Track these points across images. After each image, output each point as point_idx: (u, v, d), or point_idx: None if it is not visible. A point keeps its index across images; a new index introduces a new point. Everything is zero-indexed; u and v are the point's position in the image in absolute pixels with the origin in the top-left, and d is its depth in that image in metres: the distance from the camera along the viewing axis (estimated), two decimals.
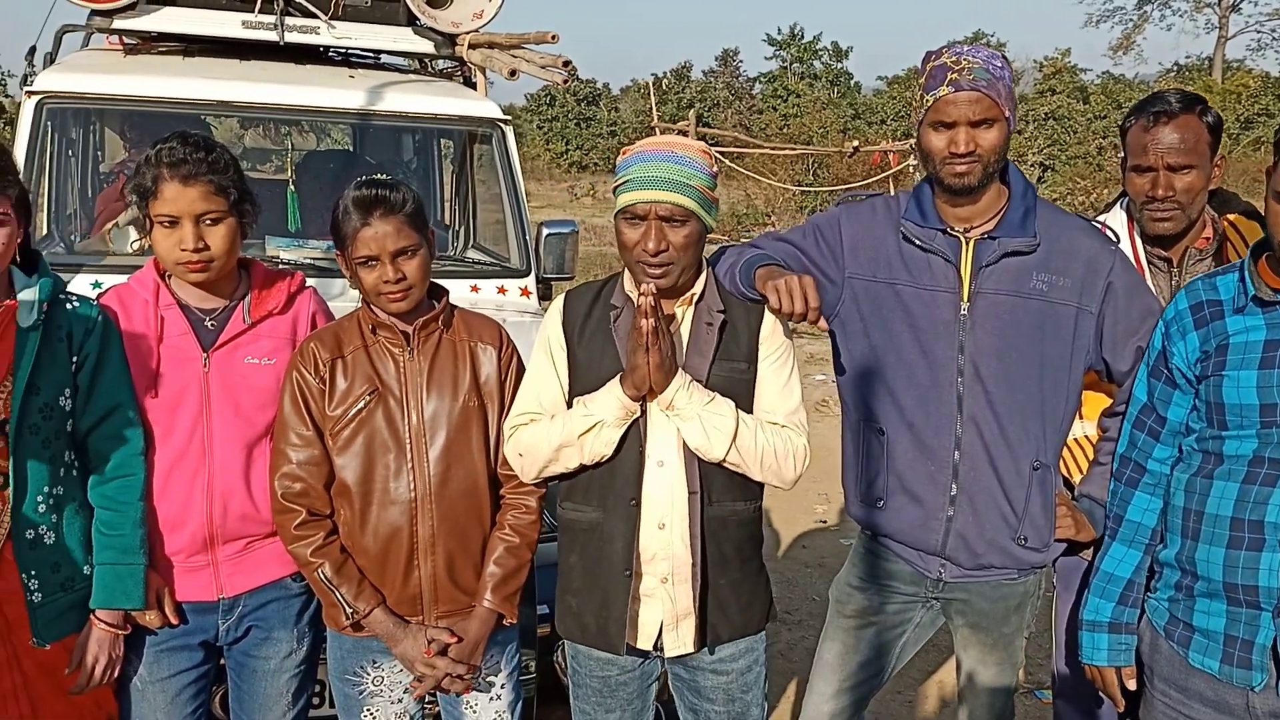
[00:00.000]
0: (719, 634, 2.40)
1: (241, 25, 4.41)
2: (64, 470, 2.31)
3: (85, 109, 4.32)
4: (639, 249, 2.25)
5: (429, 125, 4.75)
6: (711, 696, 2.44)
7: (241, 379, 2.44)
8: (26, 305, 2.24)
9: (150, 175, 2.33)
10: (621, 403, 2.27)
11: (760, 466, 2.32)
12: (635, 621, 2.36)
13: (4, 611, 2.23)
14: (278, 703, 2.54)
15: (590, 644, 2.42)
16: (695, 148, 2.32)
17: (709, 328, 2.34)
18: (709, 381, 2.31)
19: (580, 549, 2.41)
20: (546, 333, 2.43)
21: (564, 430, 2.30)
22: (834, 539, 6.04)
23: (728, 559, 2.39)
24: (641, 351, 2.19)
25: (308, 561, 2.38)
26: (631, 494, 2.32)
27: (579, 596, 2.42)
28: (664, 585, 2.34)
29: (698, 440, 2.28)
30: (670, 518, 2.32)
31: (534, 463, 2.36)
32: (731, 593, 2.40)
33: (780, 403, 2.37)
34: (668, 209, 2.23)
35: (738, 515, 2.39)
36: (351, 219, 2.34)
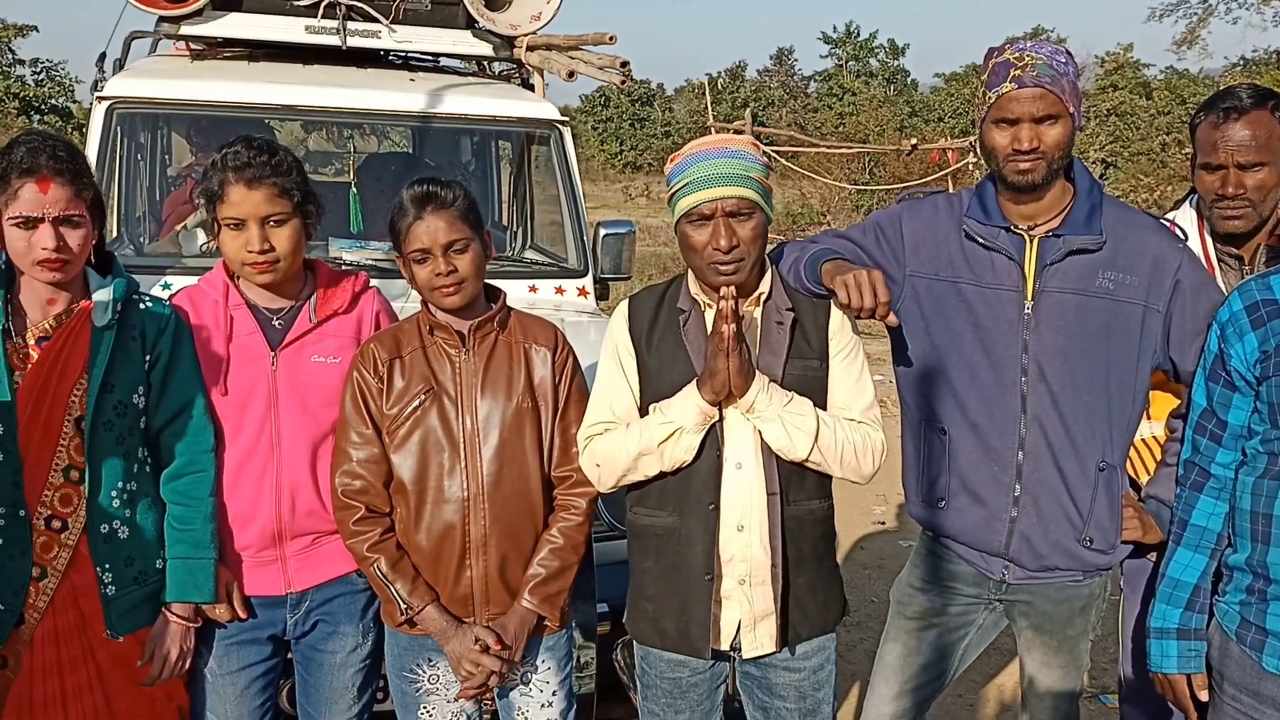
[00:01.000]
0: (799, 633, 2.40)
1: (305, 30, 4.47)
2: (137, 466, 2.36)
3: (153, 114, 4.41)
4: (709, 249, 2.25)
5: (488, 127, 4.78)
6: (783, 694, 2.44)
7: (308, 377, 2.48)
8: (102, 305, 2.30)
9: (217, 179, 2.39)
10: (700, 408, 2.27)
11: (841, 463, 2.32)
12: (715, 624, 2.35)
13: (79, 605, 2.29)
14: (343, 696, 2.58)
15: (670, 649, 2.42)
16: (745, 141, 2.34)
17: (780, 326, 2.34)
18: (784, 381, 2.31)
19: (655, 554, 2.41)
20: (614, 340, 2.43)
21: (642, 439, 2.30)
22: (892, 540, 6.00)
23: (805, 558, 2.38)
24: (722, 356, 2.19)
25: (364, 557, 2.41)
26: (710, 498, 2.32)
27: (655, 602, 2.42)
28: (742, 587, 2.34)
29: (780, 441, 2.28)
30: (749, 519, 2.32)
31: (612, 472, 2.37)
32: (809, 592, 2.40)
33: (854, 398, 2.37)
34: (734, 203, 2.24)
35: (814, 514, 2.40)
36: (405, 215, 2.39)
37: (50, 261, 2.21)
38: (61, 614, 2.27)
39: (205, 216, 4.10)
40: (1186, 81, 35.69)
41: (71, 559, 2.27)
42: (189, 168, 5.04)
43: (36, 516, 2.24)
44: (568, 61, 4.38)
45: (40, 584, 2.25)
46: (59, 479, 2.25)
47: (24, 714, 2.27)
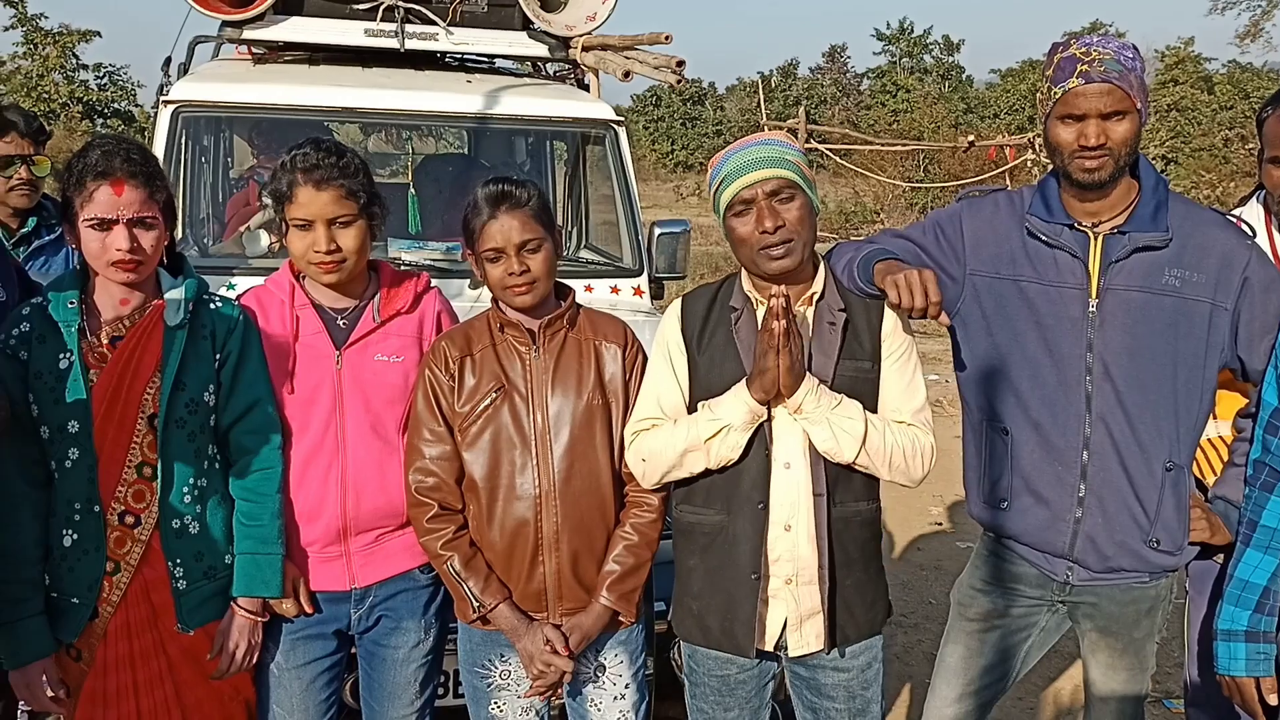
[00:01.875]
0: (847, 634, 2.40)
1: (364, 33, 4.53)
2: (207, 463, 2.41)
3: (216, 117, 4.49)
4: (756, 234, 2.26)
5: (544, 128, 4.82)
6: (832, 694, 2.44)
7: (372, 375, 2.51)
8: (173, 305, 2.35)
9: (286, 180, 2.42)
10: (749, 406, 2.27)
11: (889, 466, 2.31)
12: (761, 623, 2.36)
13: (150, 598, 2.34)
14: (405, 691, 2.61)
15: (714, 646, 2.43)
16: (777, 131, 2.35)
17: (832, 327, 2.33)
18: (834, 382, 2.31)
19: (701, 552, 2.42)
20: (665, 337, 2.44)
21: (689, 435, 2.31)
22: (950, 542, 5.95)
23: (852, 559, 2.38)
24: (772, 354, 2.19)
25: (437, 554, 2.44)
26: (760, 497, 2.32)
27: (700, 600, 2.43)
28: (788, 586, 2.35)
29: (827, 444, 2.28)
30: (796, 519, 2.32)
31: (658, 468, 2.38)
32: (857, 593, 2.40)
33: (905, 401, 2.36)
34: (773, 184, 2.26)
35: (861, 515, 2.39)
36: (480, 214, 2.41)
37: (124, 262, 2.26)
38: (134, 608, 2.33)
39: (268, 218, 4.19)
40: (1250, 75, 34.92)
41: (144, 554, 2.32)
42: (251, 170, 5.13)
43: (111, 512, 2.29)
44: (623, 61, 4.40)
45: (114, 578, 2.31)
46: (132, 475, 2.30)
47: (97, 706, 2.33)
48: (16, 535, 2.27)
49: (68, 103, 29.69)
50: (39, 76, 29.67)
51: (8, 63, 29.91)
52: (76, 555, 2.29)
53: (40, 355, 2.28)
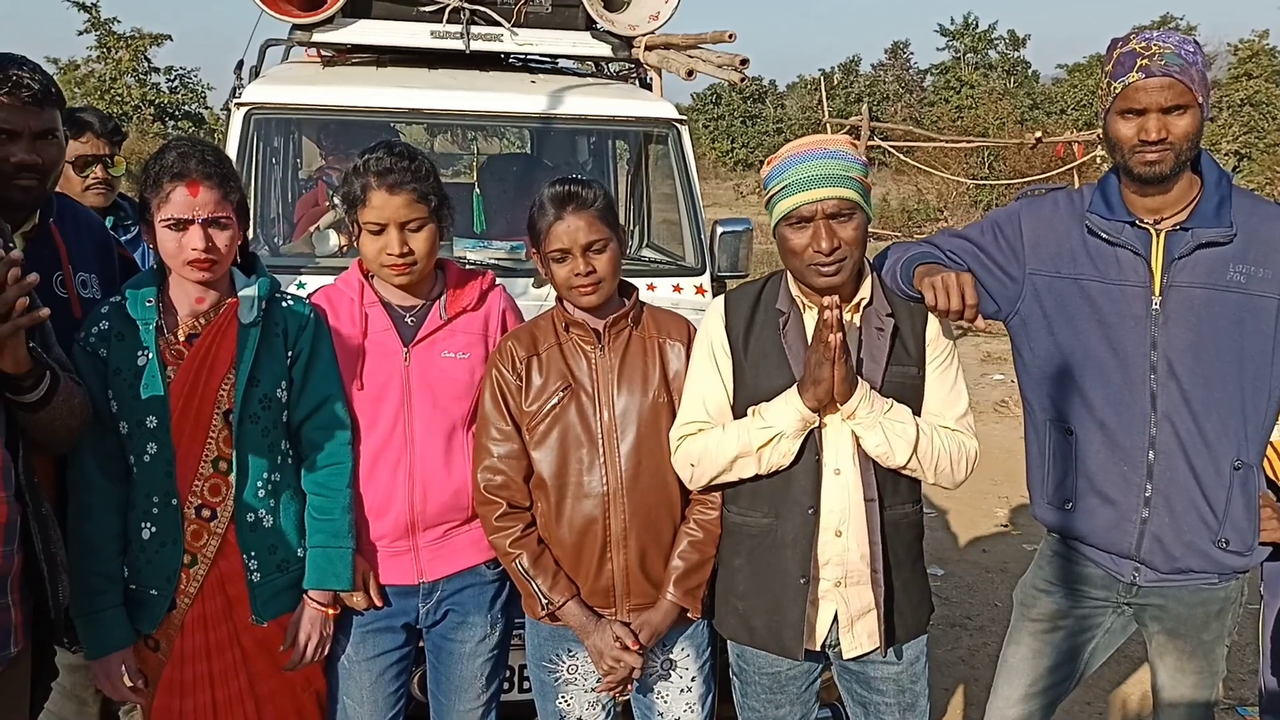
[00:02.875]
0: (898, 635, 2.42)
1: (430, 35, 4.58)
2: (280, 458, 2.46)
3: (287, 118, 4.57)
4: (810, 251, 2.26)
5: (608, 127, 4.83)
6: (882, 688, 2.45)
7: (439, 372, 2.54)
8: (247, 303, 2.41)
9: (359, 183, 2.46)
10: (801, 414, 2.27)
11: (935, 471, 2.34)
12: (810, 625, 2.37)
13: (226, 590, 2.39)
14: (472, 685, 2.64)
15: (760, 646, 2.45)
16: (843, 141, 2.33)
17: (880, 333, 2.34)
18: (883, 388, 2.32)
19: (748, 553, 2.43)
20: (709, 337, 2.45)
21: (740, 442, 2.32)
22: (1016, 544, 5.87)
23: (901, 561, 2.41)
24: (827, 366, 2.19)
25: (506, 552, 2.46)
26: (810, 502, 2.33)
27: (746, 600, 2.44)
28: (837, 589, 2.36)
29: (880, 449, 2.28)
30: (847, 524, 2.33)
31: (706, 472, 2.38)
32: (905, 593, 2.42)
33: (949, 406, 2.38)
34: (834, 204, 2.24)
35: (908, 517, 2.42)
36: (546, 214, 2.43)
37: (199, 261, 2.32)
38: (210, 599, 2.38)
39: (337, 218, 4.26)
40: None
41: (220, 547, 2.37)
42: (319, 170, 5.21)
43: (188, 505, 2.35)
44: (686, 60, 4.39)
45: (191, 570, 2.36)
46: (208, 469, 2.36)
47: (174, 695, 2.39)
48: (96, 528, 2.33)
49: (140, 105, 30.36)
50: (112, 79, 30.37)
51: (82, 66, 30.66)
52: (155, 548, 2.35)
53: (119, 352, 2.34)
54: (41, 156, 2.38)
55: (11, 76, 2.32)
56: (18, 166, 2.34)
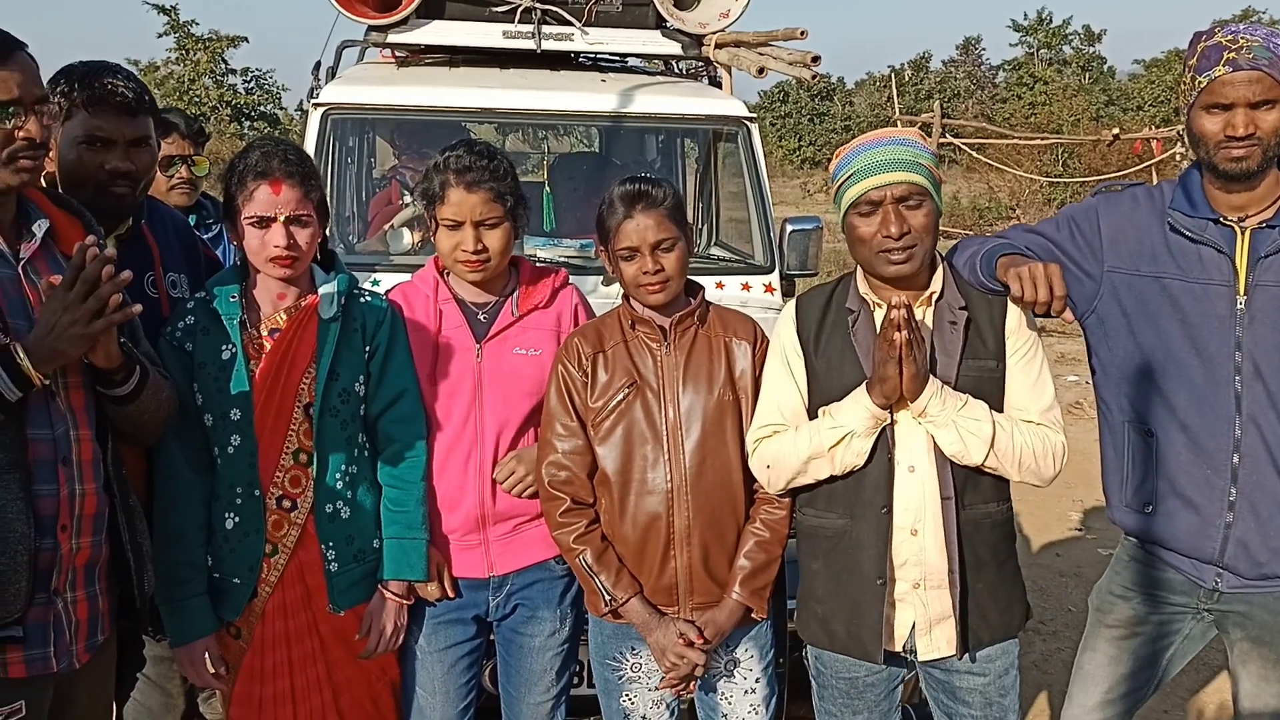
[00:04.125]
0: (980, 638, 2.36)
1: (502, 35, 4.63)
2: (357, 451, 2.50)
3: (362, 118, 4.65)
4: (879, 237, 2.24)
5: (678, 125, 4.84)
6: (968, 700, 2.40)
7: (511, 369, 2.57)
8: (327, 298, 2.46)
9: (438, 180, 2.50)
10: (871, 412, 2.25)
11: (1019, 467, 2.28)
12: (889, 627, 2.34)
13: (305, 580, 2.44)
14: (541, 679, 2.66)
15: (840, 650, 2.42)
16: (912, 131, 2.30)
17: (953, 327, 2.30)
18: (958, 383, 2.28)
19: (825, 556, 2.41)
20: (781, 341, 2.44)
21: (812, 443, 2.30)
22: (1091, 548, 5.77)
23: (984, 562, 2.35)
24: (893, 363, 2.17)
25: (570, 548, 2.48)
26: (883, 501, 2.30)
27: (825, 604, 2.42)
28: (916, 591, 2.32)
29: (954, 446, 2.25)
30: (923, 523, 2.30)
31: (782, 475, 2.37)
32: (990, 596, 2.36)
33: (1032, 400, 2.32)
34: (903, 189, 2.22)
35: (991, 517, 2.36)
36: (616, 212, 2.45)
37: (282, 258, 2.37)
38: (289, 588, 2.43)
39: (411, 216, 4.32)
40: None
41: (300, 537, 2.43)
42: (393, 169, 5.29)
43: (269, 496, 2.40)
44: (757, 58, 4.38)
45: (271, 560, 2.42)
46: (289, 461, 2.41)
47: (254, 682, 2.45)
48: (182, 518, 2.40)
49: (217, 106, 31.03)
50: (190, 81, 31.10)
51: (161, 68, 31.42)
52: (238, 537, 2.41)
53: (204, 347, 2.40)
54: (135, 163, 2.45)
55: (106, 85, 2.39)
56: (113, 174, 2.41)
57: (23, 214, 2.08)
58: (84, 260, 1.89)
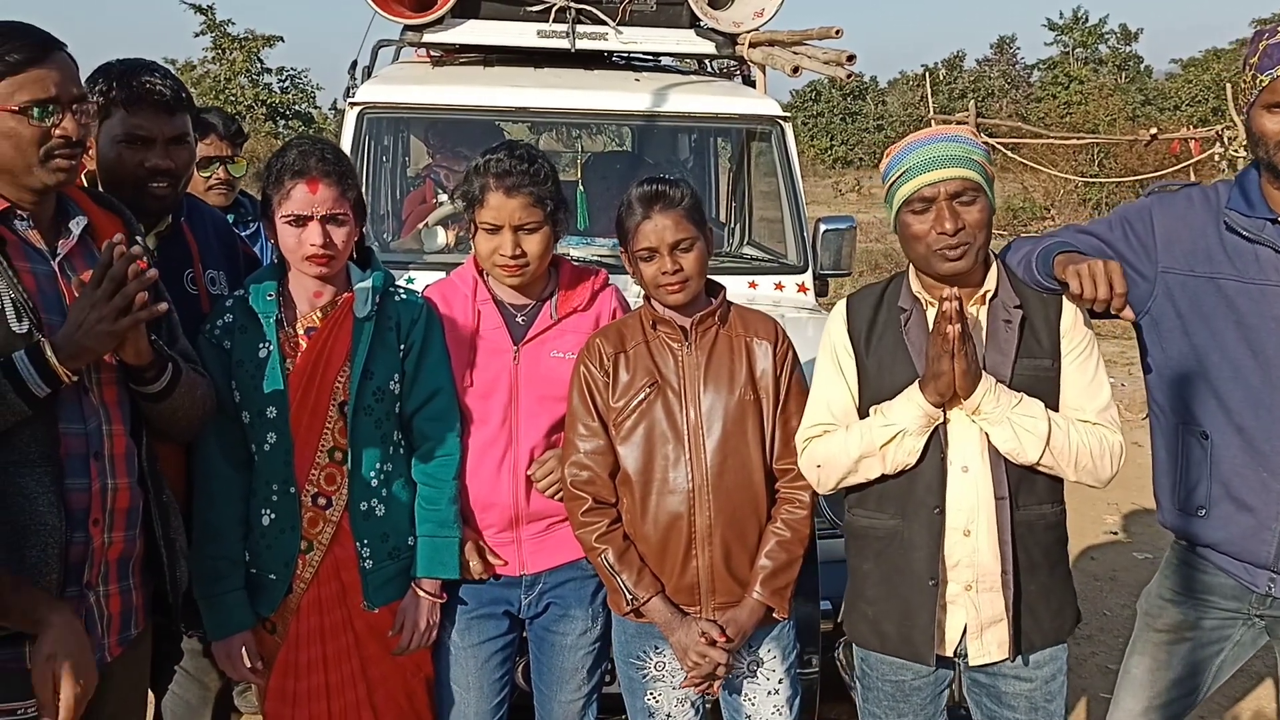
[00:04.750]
0: (1031, 642, 2.33)
1: (536, 35, 4.64)
2: (392, 449, 2.51)
3: (398, 117, 4.67)
4: (933, 234, 2.22)
5: (712, 124, 4.84)
6: (1013, 704, 2.37)
7: (547, 371, 2.57)
8: (362, 296, 2.47)
9: (478, 183, 2.50)
10: (923, 410, 2.23)
11: (1075, 467, 2.25)
12: (940, 630, 2.32)
13: (340, 576, 2.46)
14: (573, 677, 2.67)
15: (891, 652, 2.39)
16: (964, 128, 2.29)
17: (1007, 325, 2.28)
18: (1012, 381, 2.25)
19: (875, 556, 2.39)
20: (831, 340, 2.42)
21: (863, 441, 2.29)
22: (1126, 552, 5.71)
23: (1037, 564, 2.32)
24: (947, 358, 2.15)
25: (592, 547, 2.48)
26: (935, 501, 2.28)
27: (875, 605, 2.39)
28: (968, 592, 2.30)
29: (1009, 445, 2.22)
30: (976, 524, 2.27)
31: (832, 474, 2.36)
32: (1042, 599, 2.33)
33: (1088, 399, 2.29)
34: (957, 184, 2.20)
35: (1045, 518, 2.33)
36: (634, 214, 2.45)
37: (318, 257, 2.38)
38: (324, 585, 2.45)
39: (445, 215, 4.33)
40: None
41: (334, 534, 2.44)
42: (427, 168, 5.31)
43: (305, 493, 2.42)
44: (791, 57, 4.37)
45: (307, 556, 2.43)
46: (324, 459, 2.42)
47: (289, 677, 2.46)
48: (220, 514, 2.42)
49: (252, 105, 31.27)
50: (226, 80, 31.36)
51: (198, 67, 31.72)
52: (274, 534, 2.43)
53: (241, 344, 2.42)
54: (174, 161, 2.47)
55: (144, 83, 2.41)
56: (152, 171, 2.44)
57: (61, 212, 2.10)
58: (111, 258, 1.91)
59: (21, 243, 2.00)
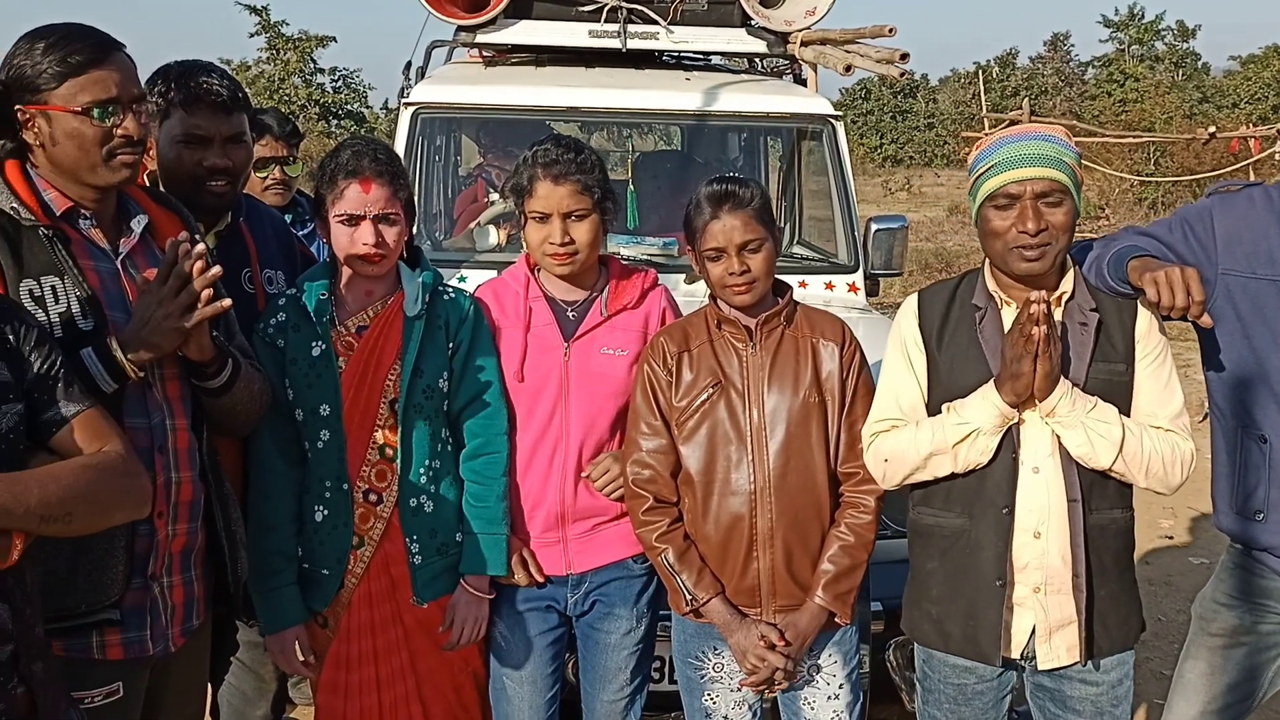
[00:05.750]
0: (1101, 647, 2.30)
1: (588, 34, 4.65)
2: (441, 446, 2.53)
3: (450, 117, 4.71)
4: (1014, 232, 2.19)
5: (763, 124, 4.82)
6: (1078, 708, 2.34)
7: (598, 368, 2.58)
8: (412, 295, 2.49)
9: (526, 175, 2.52)
10: (999, 410, 2.21)
11: (1146, 473, 2.21)
12: (1007, 631, 2.29)
13: (390, 571, 2.49)
14: (618, 675, 2.67)
15: (955, 653, 2.37)
16: (1058, 128, 2.25)
17: (1083, 328, 2.24)
18: (1086, 385, 2.22)
19: (940, 555, 2.36)
20: (901, 335, 2.40)
21: (935, 438, 2.26)
22: (1181, 557, 5.61)
23: (1107, 569, 2.29)
24: (1029, 360, 2.13)
25: (652, 546, 2.48)
26: (1004, 501, 2.26)
27: (940, 605, 2.37)
28: (1036, 595, 2.27)
29: (1082, 449, 2.19)
30: (1047, 526, 2.24)
31: (899, 470, 2.34)
32: (1111, 605, 2.30)
33: (1161, 405, 2.25)
34: (1044, 185, 2.17)
35: (1116, 523, 2.29)
36: (703, 213, 2.43)
37: (370, 255, 2.41)
38: (375, 579, 2.48)
39: (496, 214, 4.36)
40: None
41: (385, 530, 2.47)
42: (479, 168, 5.35)
43: (356, 490, 2.45)
44: (844, 56, 4.34)
45: (358, 552, 2.46)
46: (375, 456, 2.45)
47: (341, 669, 2.50)
48: (274, 509, 2.46)
49: (305, 104, 31.64)
50: (280, 80, 31.74)
51: (253, 68, 32.15)
52: (327, 530, 2.46)
53: (295, 343, 2.45)
54: (232, 160, 2.51)
55: (202, 84, 2.46)
56: (210, 170, 2.48)
57: (122, 210, 2.15)
58: (177, 256, 1.95)
59: (85, 241, 2.05)
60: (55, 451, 1.73)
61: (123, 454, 1.78)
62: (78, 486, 1.67)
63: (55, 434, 1.74)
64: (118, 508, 1.77)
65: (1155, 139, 20.73)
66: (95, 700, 1.99)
